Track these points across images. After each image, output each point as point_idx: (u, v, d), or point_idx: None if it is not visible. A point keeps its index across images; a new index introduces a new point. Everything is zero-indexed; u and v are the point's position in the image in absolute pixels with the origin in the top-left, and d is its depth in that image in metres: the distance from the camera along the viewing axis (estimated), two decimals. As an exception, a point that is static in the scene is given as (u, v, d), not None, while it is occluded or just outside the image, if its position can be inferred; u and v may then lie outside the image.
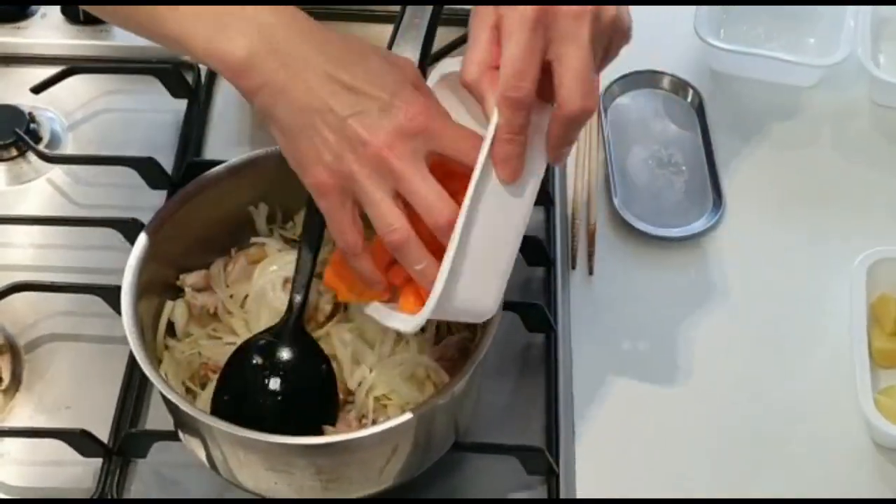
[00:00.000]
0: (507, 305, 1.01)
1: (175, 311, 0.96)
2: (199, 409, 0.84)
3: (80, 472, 0.96)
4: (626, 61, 1.23)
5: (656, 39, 1.27)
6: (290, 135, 0.79)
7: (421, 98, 0.79)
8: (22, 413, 1.00)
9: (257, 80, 0.77)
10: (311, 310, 0.92)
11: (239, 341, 0.92)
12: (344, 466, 0.87)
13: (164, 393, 0.84)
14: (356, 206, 0.80)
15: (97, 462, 0.96)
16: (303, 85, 0.77)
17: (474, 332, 0.92)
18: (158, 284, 0.96)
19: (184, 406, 0.84)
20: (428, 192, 0.77)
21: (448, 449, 0.93)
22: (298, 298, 0.89)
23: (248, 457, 0.87)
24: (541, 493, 0.95)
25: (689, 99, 1.23)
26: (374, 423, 0.89)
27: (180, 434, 0.91)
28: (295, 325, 0.90)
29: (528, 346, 1.04)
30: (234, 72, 0.78)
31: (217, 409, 0.88)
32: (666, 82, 1.25)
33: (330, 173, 0.78)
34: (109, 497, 0.94)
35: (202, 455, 0.90)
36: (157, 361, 0.93)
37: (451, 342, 0.94)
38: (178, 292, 0.98)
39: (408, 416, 0.83)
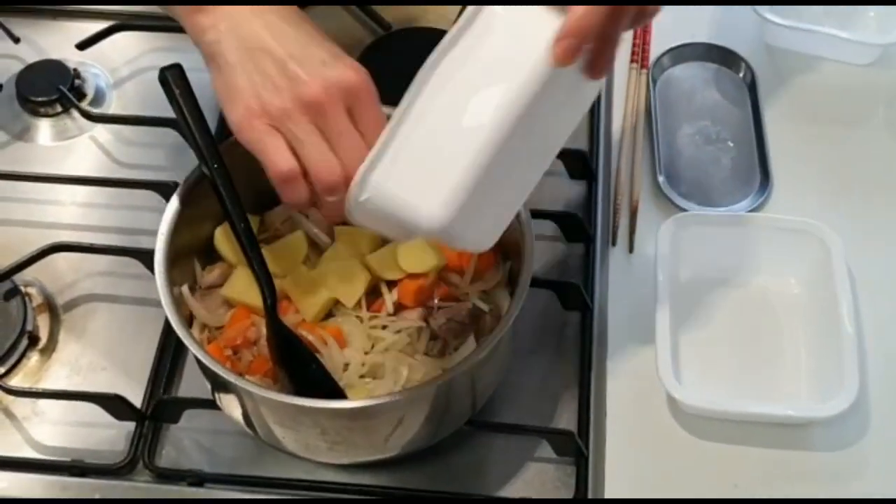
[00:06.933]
0: (544, 283, 1.01)
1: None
2: (225, 368, 0.85)
3: (114, 434, 0.97)
4: (678, 32, 1.23)
5: (710, 11, 1.25)
6: (230, 69, 0.81)
7: (359, 67, 0.82)
8: (58, 373, 1.01)
9: (212, 18, 0.82)
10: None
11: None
12: (347, 431, 0.88)
13: (199, 357, 0.85)
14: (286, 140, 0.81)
15: (130, 425, 0.97)
16: (254, 25, 0.81)
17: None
18: (193, 247, 0.96)
19: (215, 367, 0.84)
20: (350, 139, 0.80)
21: (462, 423, 0.93)
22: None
23: (263, 410, 0.88)
24: (570, 473, 0.95)
25: (741, 74, 1.20)
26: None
27: (214, 393, 0.93)
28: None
29: (564, 325, 1.03)
30: (194, 9, 0.82)
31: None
32: (718, 55, 1.22)
33: (261, 105, 0.80)
34: (141, 461, 0.95)
35: (235, 412, 0.91)
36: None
37: (462, 308, 0.93)
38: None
39: (405, 392, 0.84)
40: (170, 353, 1.01)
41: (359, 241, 0.95)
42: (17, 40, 1.21)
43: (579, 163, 1.11)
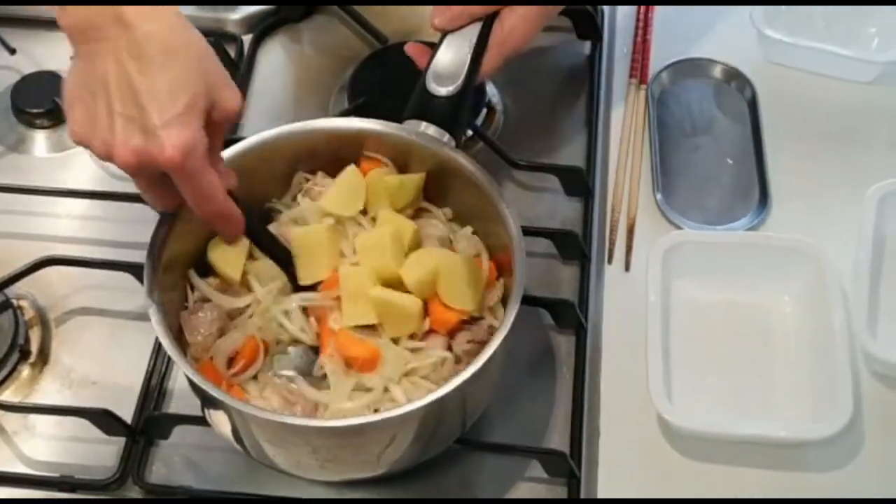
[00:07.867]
0: (537, 301, 1.01)
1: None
2: (214, 386, 0.85)
3: (104, 449, 0.97)
4: (677, 48, 1.23)
5: (710, 26, 1.25)
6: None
7: (178, 145, 0.81)
8: (49, 387, 1.01)
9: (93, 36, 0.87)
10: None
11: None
12: (338, 449, 0.88)
13: (188, 374, 0.85)
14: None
15: (121, 440, 0.96)
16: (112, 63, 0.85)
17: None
18: (183, 260, 0.95)
19: (204, 384, 0.84)
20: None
21: (452, 441, 0.93)
22: None
23: (252, 427, 0.87)
24: (562, 494, 0.94)
25: (741, 90, 1.20)
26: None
27: (204, 409, 0.92)
28: None
29: (557, 344, 1.02)
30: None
31: None
32: (718, 71, 1.21)
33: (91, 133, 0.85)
34: (131, 476, 0.95)
35: (225, 430, 0.91)
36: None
37: (481, 327, 0.92)
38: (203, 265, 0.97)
39: (398, 411, 0.83)
40: (161, 369, 1.01)
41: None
42: (12, 51, 1.21)
43: (576, 179, 1.10)
